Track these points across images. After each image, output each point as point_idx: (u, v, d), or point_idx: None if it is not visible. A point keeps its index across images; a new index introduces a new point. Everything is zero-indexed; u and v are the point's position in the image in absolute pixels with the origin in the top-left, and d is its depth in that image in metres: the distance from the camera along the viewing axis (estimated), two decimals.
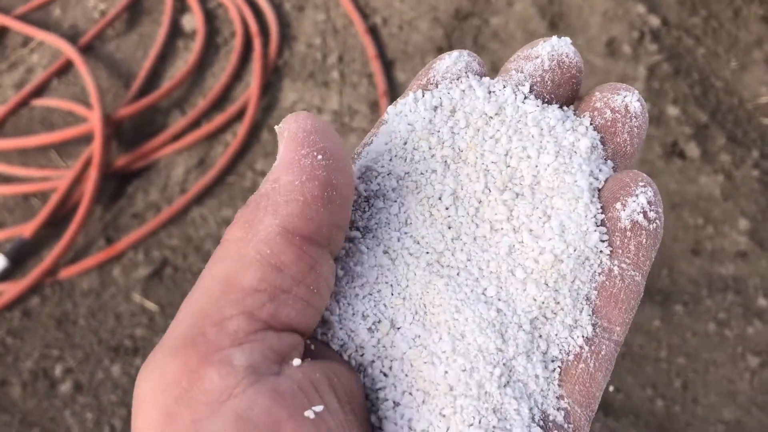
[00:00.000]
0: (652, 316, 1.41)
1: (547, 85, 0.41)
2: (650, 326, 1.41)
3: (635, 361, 1.37)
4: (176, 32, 1.88)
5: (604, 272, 0.38)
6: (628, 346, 1.37)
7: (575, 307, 0.37)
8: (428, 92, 0.41)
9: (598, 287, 0.38)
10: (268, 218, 0.32)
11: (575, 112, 0.41)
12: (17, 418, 1.34)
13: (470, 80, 0.41)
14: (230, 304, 0.30)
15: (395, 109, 0.41)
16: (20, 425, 1.34)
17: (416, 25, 1.83)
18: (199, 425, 0.28)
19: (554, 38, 0.41)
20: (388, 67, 1.77)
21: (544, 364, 0.37)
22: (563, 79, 0.41)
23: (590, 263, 0.38)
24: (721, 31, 1.80)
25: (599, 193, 0.39)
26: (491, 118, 0.40)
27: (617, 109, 0.40)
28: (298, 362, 0.31)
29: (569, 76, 0.41)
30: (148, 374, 0.30)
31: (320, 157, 0.33)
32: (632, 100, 0.40)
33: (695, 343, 1.39)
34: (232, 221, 0.34)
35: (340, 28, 1.85)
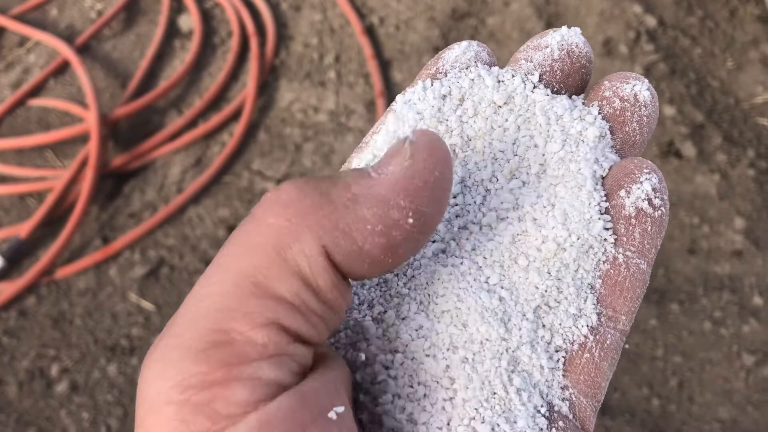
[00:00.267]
0: (647, 314, 1.41)
1: (556, 74, 0.40)
2: (646, 325, 1.41)
3: (631, 359, 1.37)
4: (173, 32, 1.88)
5: (608, 260, 0.37)
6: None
7: (579, 296, 0.37)
8: (437, 81, 0.41)
9: (602, 276, 0.37)
10: (326, 222, 0.29)
11: (584, 101, 0.41)
12: (13, 417, 1.34)
13: (479, 69, 0.41)
14: (260, 310, 0.28)
15: (404, 97, 0.41)
16: (16, 425, 1.33)
17: (413, 25, 1.83)
18: None
19: (564, 28, 0.41)
20: (384, 67, 1.77)
21: (548, 354, 0.36)
22: (573, 69, 0.40)
23: (594, 251, 0.37)
24: (717, 31, 1.81)
25: (604, 180, 0.39)
26: (500, 107, 0.40)
27: (626, 98, 0.39)
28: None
29: (579, 66, 0.40)
30: (162, 372, 0.27)
31: (412, 220, 0.30)
32: (642, 88, 0.39)
33: (691, 341, 1.39)
34: (284, 183, 0.30)
35: (336, 28, 1.85)
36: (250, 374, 0.27)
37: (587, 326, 0.37)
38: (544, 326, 0.37)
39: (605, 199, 0.38)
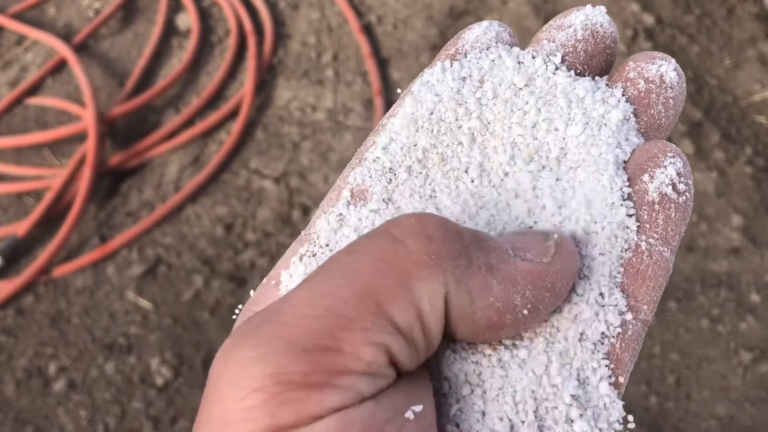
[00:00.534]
0: None
1: (579, 55, 0.39)
2: None
3: None
4: (170, 31, 1.88)
5: (630, 248, 0.36)
6: None
7: (601, 285, 0.36)
8: (456, 62, 0.40)
9: (624, 264, 0.36)
10: (459, 275, 0.29)
11: (608, 83, 0.40)
12: (11, 416, 1.34)
13: (500, 50, 0.40)
14: (376, 330, 0.28)
15: (422, 79, 0.40)
16: (14, 423, 1.33)
17: (411, 23, 1.83)
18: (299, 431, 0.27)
19: (588, 7, 0.39)
20: (382, 65, 1.77)
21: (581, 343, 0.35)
22: (597, 49, 0.39)
23: (617, 239, 0.36)
24: (714, 29, 1.81)
25: (626, 164, 0.37)
26: (520, 89, 0.39)
27: (652, 79, 0.38)
28: None
29: (603, 46, 0.39)
30: (260, 358, 0.27)
31: (527, 312, 0.31)
32: (668, 69, 0.38)
33: (688, 339, 1.39)
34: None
35: (334, 26, 1.85)
36: (347, 385, 0.27)
37: (609, 316, 0.35)
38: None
39: (628, 184, 0.37)
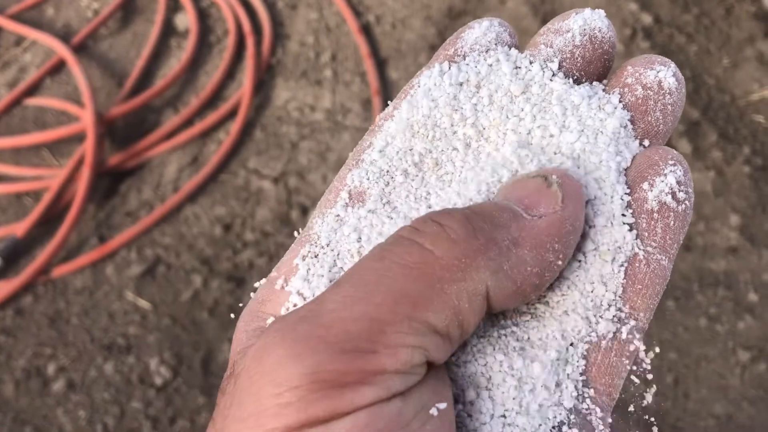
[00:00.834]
0: None
1: (577, 61, 0.38)
2: None
3: None
4: (169, 31, 1.88)
5: (628, 257, 0.36)
6: None
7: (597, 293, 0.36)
8: (455, 65, 0.39)
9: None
10: (493, 265, 0.30)
11: (605, 88, 0.39)
12: (10, 416, 1.34)
13: (498, 53, 0.39)
14: (413, 333, 0.28)
15: (419, 80, 0.40)
16: (13, 423, 1.34)
17: (409, 23, 1.84)
18: (329, 425, 0.27)
19: (587, 10, 0.39)
20: (381, 65, 1.77)
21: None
22: (594, 55, 0.38)
23: (615, 247, 0.36)
24: (713, 28, 1.81)
25: (627, 171, 0.37)
26: (516, 96, 0.39)
27: (649, 85, 0.37)
28: None
29: (601, 52, 0.38)
30: (298, 356, 0.27)
31: (561, 262, 0.32)
32: (667, 75, 0.37)
33: (687, 338, 1.39)
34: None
35: (332, 26, 1.85)
36: (380, 383, 0.28)
37: (605, 324, 0.36)
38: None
39: (628, 192, 0.36)
